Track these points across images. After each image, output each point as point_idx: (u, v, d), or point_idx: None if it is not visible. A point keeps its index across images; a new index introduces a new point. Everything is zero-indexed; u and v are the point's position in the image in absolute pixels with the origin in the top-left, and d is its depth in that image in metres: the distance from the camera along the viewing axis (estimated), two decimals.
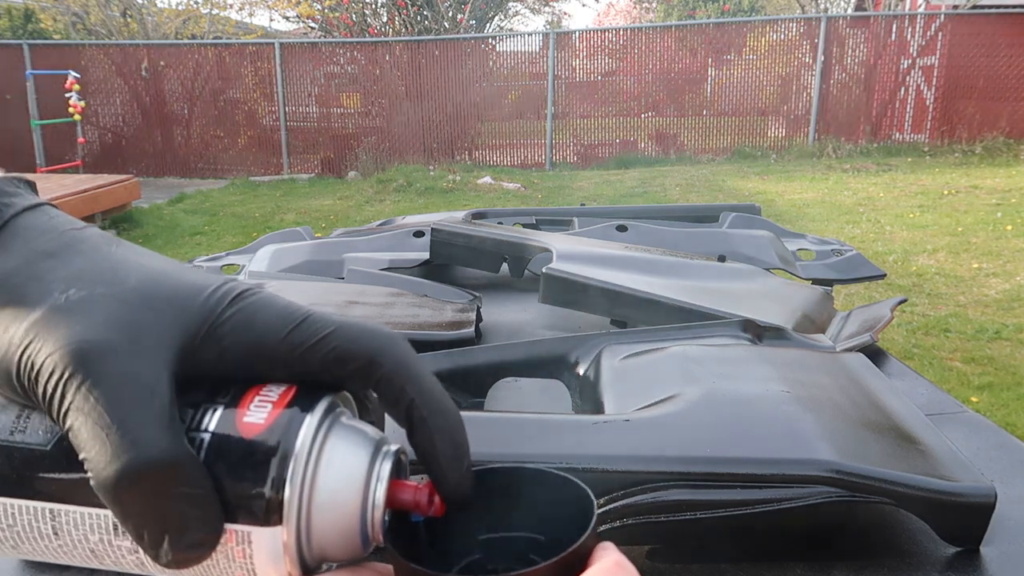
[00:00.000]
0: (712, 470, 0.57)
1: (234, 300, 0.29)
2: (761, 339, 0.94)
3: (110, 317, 0.26)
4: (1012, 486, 0.67)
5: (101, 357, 0.25)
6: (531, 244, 1.36)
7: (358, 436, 0.29)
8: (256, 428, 0.27)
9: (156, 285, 0.28)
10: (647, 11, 23.25)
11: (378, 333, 0.29)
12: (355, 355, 0.29)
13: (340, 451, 0.28)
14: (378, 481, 0.28)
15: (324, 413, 0.28)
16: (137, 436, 0.25)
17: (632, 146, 10.97)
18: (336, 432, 0.28)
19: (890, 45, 10.27)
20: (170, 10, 14.38)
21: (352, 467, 0.28)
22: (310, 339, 0.28)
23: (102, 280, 0.28)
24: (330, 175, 10.74)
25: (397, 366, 0.29)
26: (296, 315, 0.29)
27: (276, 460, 0.26)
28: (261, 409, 0.28)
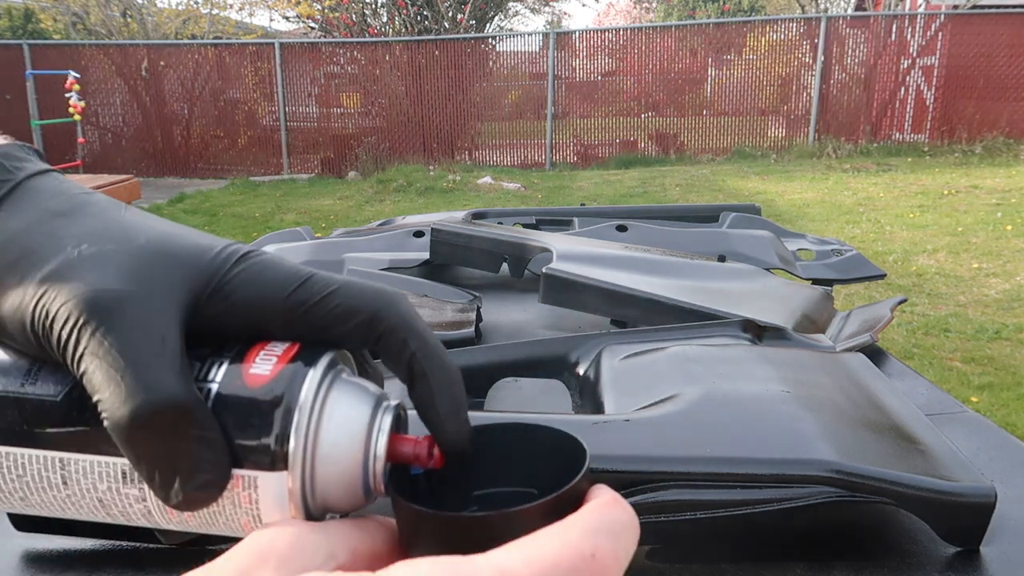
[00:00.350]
0: (712, 470, 0.57)
1: (240, 259, 0.30)
2: (761, 339, 0.94)
3: (122, 269, 0.28)
4: (1012, 486, 0.67)
5: (114, 305, 0.26)
6: (531, 244, 1.36)
7: (360, 390, 0.30)
8: (261, 379, 0.28)
9: (165, 243, 0.29)
10: (647, 11, 23.26)
11: (381, 291, 0.30)
12: (358, 310, 0.29)
13: (342, 404, 0.29)
14: (379, 433, 0.29)
15: (327, 367, 0.29)
16: (150, 379, 0.26)
17: (632, 146, 10.97)
18: (338, 386, 0.29)
19: (890, 45, 10.27)
20: (170, 10, 14.38)
21: (354, 419, 0.29)
22: (313, 296, 0.29)
23: (113, 238, 0.29)
24: (330, 175, 10.74)
25: (400, 321, 0.30)
26: (300, 274, 0.30)
27: (280, 410, 0.27)
28: (266, 362, 0.29)
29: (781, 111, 10.69)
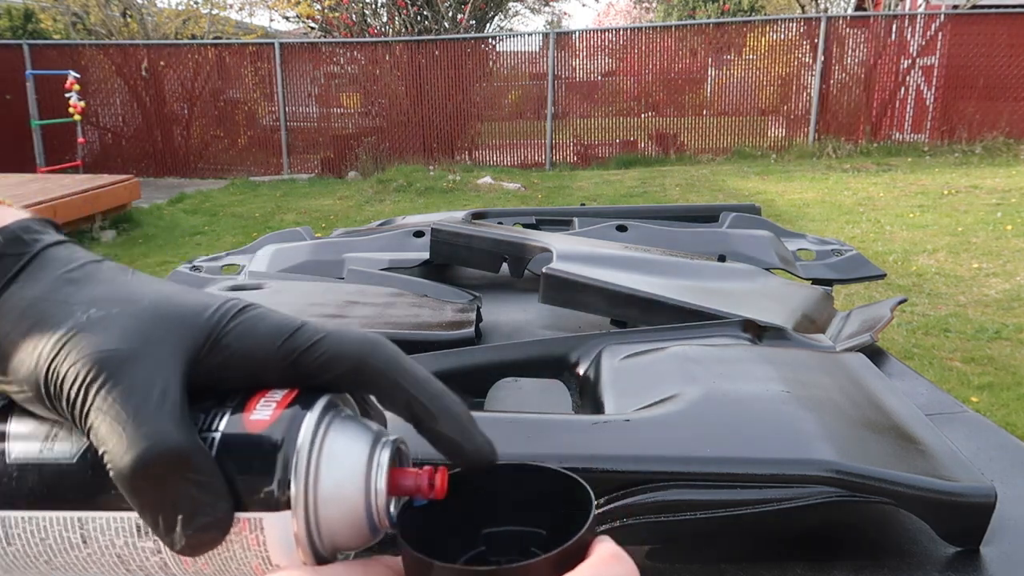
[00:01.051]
0: (712, 470, 0.57)
1: (236, 315, 0.32)
2: (761, 339, 0.94)
3: (126, 331, 0.30)
4: (1012, 486, 0.67)
5: (118, 364, 0.29)
6: (531, 244, 1.36)
7: (357, 429, 0.31)
8: (261, 424, 0.29)
9: (166, 304, 0.32)
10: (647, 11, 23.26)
11: (366, 338, 0.32)
12: (345, 357, 0.31)
13: (341, 443, 0.30)
14: (378, 469, 0.30)
15: (323, 410, 0.30)
16: (150, 429, 0.28)
17: (632, 146, 10.97)
18: (336, 426, 0.30)
19: (890, 45, 10.27)
20: (170, 10, 14.38)
21: (352, 457, 0.30)
22: (303, 345, 0.31)
23: (118, 301, 0.31)
24: (330, 175, 10.74)
25: (385, 364, 0.32)
26: (291, 325, 0.32)
27: (281, 453, 0.29)
28: (265, 408, 0.30)
29: (781, 111, 10.68)
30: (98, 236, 6.56)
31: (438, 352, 0.88)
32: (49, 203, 5.99)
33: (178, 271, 1.55)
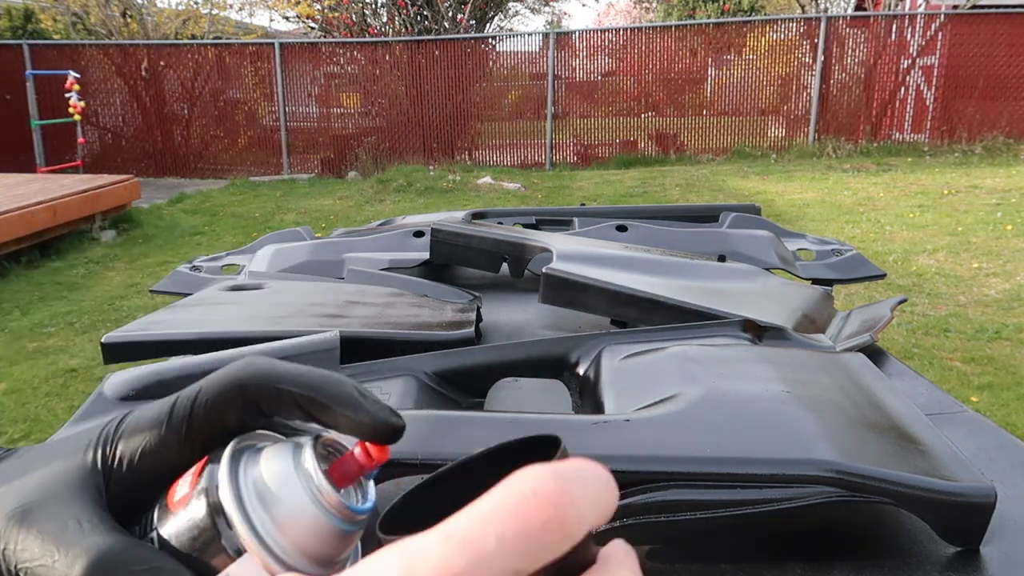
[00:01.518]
0: (712, 470, 0.57)
1: (115, 433, 0.33)
2: (761, 339, 0.94)
3: (20, 496, 0.31)
4: (1012, 486, 0.67)
5: (24, 515, 0.30)
6: (531, 244, 1.36)
7: (272, 452, 0.31)
8: (184, 500, 0.30)
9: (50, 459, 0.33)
10: (647, 11, 23.25)
11: (233, 367, 0.32)
12: (226, 395, 0.32)
13: (262, 473, 0.30)
14: (310, 475, 0.30)
15: (232, 455, 0.30)
16: (79, 548, 0.28)
17: (632, 146, 10.97)
18: (251, 461, 0.30)
19: (890, 45, 10.27)
20: (170, 10, 14.37)
21: (281, 479, 0.30)
22: (185, 412, 0.32)
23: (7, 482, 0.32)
24: (330, 175, 10.74)
25: (261, 379, 0.32)
26: (166, 404, 0.33)
27: (214, 510, 0.29)
28: (183, 485, 0.31)
29: (781, 111, 10.68)
30: (98, 236, 6.56)
31: (438, 352, 0.88)
32: (49, 203, 5.99)
33: (178, 271, 1.55)
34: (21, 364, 4.02)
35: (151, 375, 0.82)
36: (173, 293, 1.44)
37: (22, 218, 5.69)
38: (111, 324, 4.55)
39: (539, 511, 0.20)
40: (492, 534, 0.19)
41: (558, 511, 0.20)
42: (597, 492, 0.22)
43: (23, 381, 3.79)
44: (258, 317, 1.07)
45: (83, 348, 4.22)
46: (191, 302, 1.18)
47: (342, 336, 0.90)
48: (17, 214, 5.64)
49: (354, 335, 0.95)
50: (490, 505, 0.20)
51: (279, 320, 1.04)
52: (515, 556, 0.19)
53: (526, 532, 0.20)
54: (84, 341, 4.34)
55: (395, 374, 0.86)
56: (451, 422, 0.65)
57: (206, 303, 1.17)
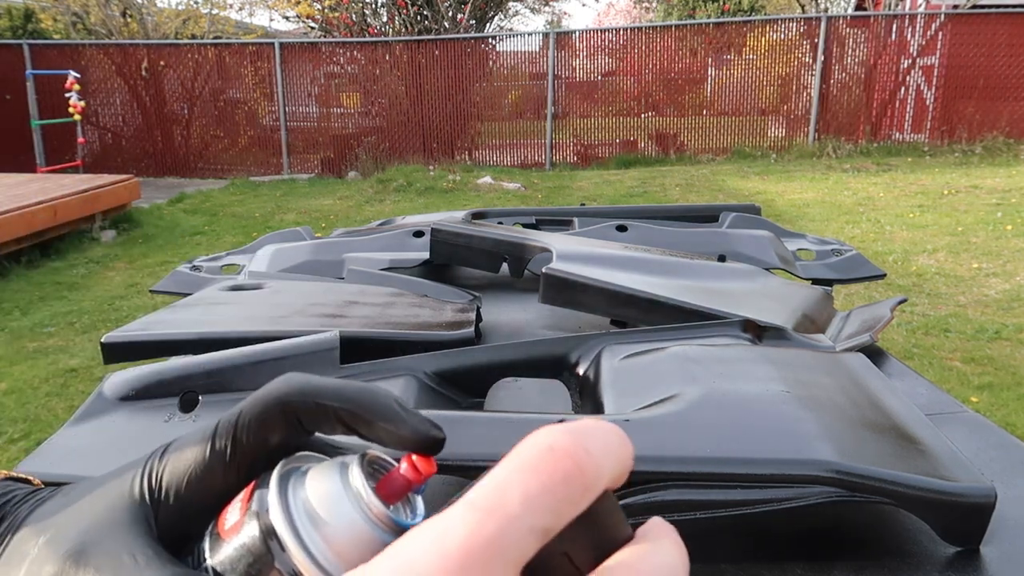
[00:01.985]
0: (712, 470, 0.57)
1: (159, 463, 0.33)
2: (761, 339, 0.94)
3: (72, 535, 0.31)
4: (1012, 486, 0.67)
5: (78, 555, 0.30)
6: (531, 244, 1.36)
7: (320, 472, 0.31)
8: (235, 529, 0.30)
9: (97, 498, 0.33)
10: (647, 11, 23.25)
11: (272, 385, 0.32)
12: (268, 414, 0.31)
13: (311, 495, 0.30)
14: (360, 493, 0.30)
15: (280, 478, 0.30)
16: None
17: (632, 146, 10.97)
18: (299, 483, 0.30)
19: (890, 45, 10.27)
20: (170, 10, 14.37)
21: (330, 499, 0.30)
22: (229, 436, 0.32)
23: (55, 524, 0.33)
24: (330, 175, 10.74)
25: (300, 394, 0.31)
26: (207, 430, 0.32)
27: (266, 533, 0.29)
28: (233, 512, 0.31)
29: (781, 111, 10.68)
30: (98, 236, 6.56)
31: (438, 352, 0.88)
32: (49, 203, 5.99)
33: (178, 271, 1.55)
34: (21, 364, 4.02)
35: (151, 375, 0.82)
36: (173, 293, 1.44)
37: (22, 218, 5.69)
38: (111, 324, 4.55)
39: (559, 465, 0.20)
40: (516, 494, 0.20)
41: (578, 463, 0.21)
42: (612, 444, 0.22)
43: (23, 381, 3.79)
44: (258, 317, 1.07)
45: (83, 348, 4.22)
46: (191, 302, 1.18)
47: (342, 336, 0.90)
48: (17, 214, 5.64)
49: (354, 335, 0.95)
50: (509, 467, 0.21)
51: (279, 320, 1.04)
52: (541, 513, 0.20)
53: (549, 487, 0.20)
54: (84, 341, 4.34)
55: (395, 374, 0.86)
56: (451, 422, 0.64)
57: (206, 303, 1.17)
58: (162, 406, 0.80)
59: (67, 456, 0.74)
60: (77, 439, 0.76)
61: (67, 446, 0.75)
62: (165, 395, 0.81)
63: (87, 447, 0.75)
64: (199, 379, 0.82)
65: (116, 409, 0.79)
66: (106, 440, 0.75)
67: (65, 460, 0.73)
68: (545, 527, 0.20)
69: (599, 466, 0.21)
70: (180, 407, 0.80)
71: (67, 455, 0.74)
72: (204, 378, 0.82)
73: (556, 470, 0.20)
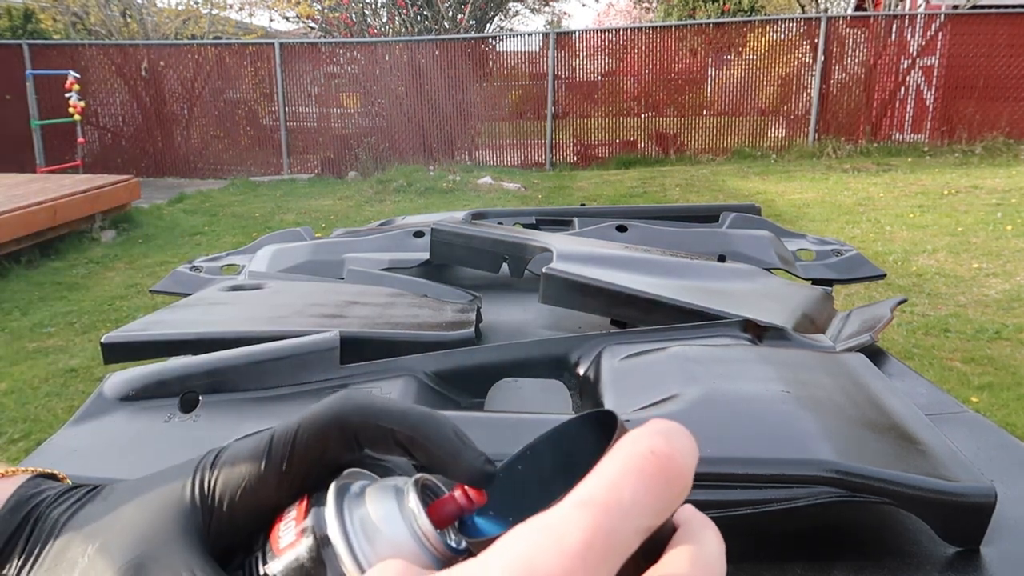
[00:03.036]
0: (712, 470, 0.57)
1: (211, 472, 0.33)
2: (761, 339, 0.94)
3: (125, 546, 0.31)
4: (1012, 486, 0.67)
5: (136, 570, 0.30)
6: (531, 244, 1.36)
7: (376, 493, 0.31)
8: (291, 547, 0.30)
9: (150, 505, 0.33)
10: (647, 11, 23.25)
11: (333, 402, 0.32)
12: (327, 430, 0.32)
13: (368, 515, 0.30)
14: (415, 516, 0.30)
15: (337, 496, 0.31)
16: None
17: (632, 146, 10.97)
18: (355, 503, 0.31)
19: (890, 45, 10.27)
20: (170, 10, 14.37)
21: (387, 521, 0.30)
22: (287, 449, 0.32)
23: (106, 528, 0.32)
24: (330, 175, 10.74)
25: (360, 415, 0.32)
26: (263, 443, 0.32)
27: (324, 557, 0.29)
28: (288, 528, 0.31)
29: (781, 111, 10.68)
30: (98, 236, 6.56)
31: (438, 352, 0.88)
32: (49, 203, 5.99)
33: (178, 271, 1.55)
34: (21, 364, 4.02)
35: (151, 375, 0.82)
36: (173, 293, 1.44)
37: (22, 218, 5.69)
38: (111, 324, 4.55)
39: (663, 468, 0.22)
40: (627, 494, 0.21)
41: (677, 467, 0.23)
42: (693, 446, 0.24)
43: (23, 381, 3.79)
44: (258, 317, 1.07)
45: (83, 348, 4.22)
46: (191, 302, 1.18)
47: (342, 336, 0.90)
48: (17, 214, 5.64)
49: (354, 335, 0.95)
50: (616, 468, 0.22)
51: (279, 320, 1.04)
52: (648, 512, 0.22)
53: (655, 488, 0.22)
54: (84, 341, 4.34)
55: (395, 374, 0.86)
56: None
57: (206, 303, 1.17)
58: (162, 406, 0.80)
59: (67, 456, 0.74)
60: (77, 439, 0.76)
61: (67, 446, 0.75)
62: (165, 395, 0.81)
63: (87, 447, 0.75)
64: (199, 379, 0.82)
65: (116, 409, 0.79)
66: (106, 440, 0.75)
67: (65, 460, 0.73)
68: (648, 526, 0.22)
69: (689, 468, 0.23)
70: (180, 407, 0.80)
71: (67, 455, 0.74)
72: (204, 378, 0.82)
73: (662, 473, 0.22)
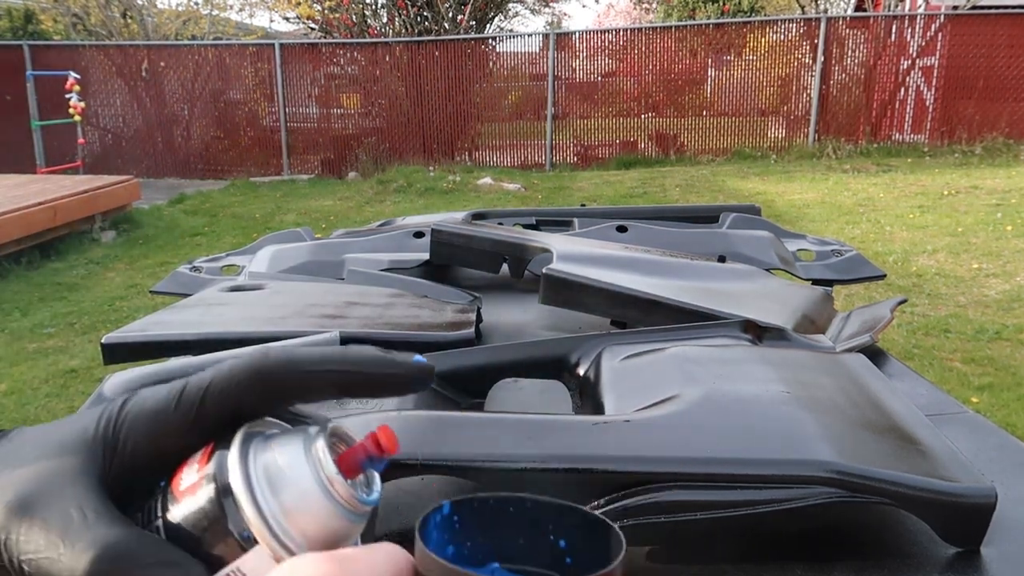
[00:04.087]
0: (712, 471, 0.57)
1: (118, 414, 0.32)
2: (761, 340, 0.94)
3: (18, 483, 0.30)
4: (1012, 486, 0.67)
5: (24, 507, 0.29)
6: (531, 245, 1.36)
7: (283, 439, 0.31)
8: (192, 489, 0.30)
9: (49, 443, 0.32)
10: (647, 12, 23.25)
11: (251, 358, 0.32)
12: (243, 383, 0.31)
13: (273, 460, 0.30)
14: (321, 462, 0.29)
15: (243, 441, 0.30)
16: (85, 542, 0.28)
17: (632, 147, 10.97)
18: (262, 447, 0.30)
19: (890, 45, 10.27)
20: (170, 11, 14.38)
21: (291, 466, 0.29)
22: (196, 399, 0.31)
23: (6, 462, 0.32)
24: (330, 176, 10.74)
25: (284, 367, 0.31)
26: (175, 388, 0.32)
27: (224, 502, 0.29)
28: (190, 472, 0.30)
29: (781, 112, 10.68)
30: (98, 237, 6.56)
31: (438, 352, 0.88)
32: (49, 203, 5.99)
33: (178, 272, 1.55)
34: (21, 365, 4.02)
35: (151, 376, 0.82)
36: (173, 294, 1.44)
37: (22, 219, 5.69)
38: (111, 325, 4.55)
39: None
40: None
41: None
42: None
43: (23, 382, 3.79)
44: (258, 318, 1.07)
45: (83, 349, 4.22)
46: (191, 303, 1.18)
47: (342, 336, 0.90)
48: (17, 215, 5.64)
49: (354, 335, 0.95)
50: None
51: (279, 321, 1.04)
52: None
53: None
54: (84, 342, 4.34)
55: None
56: (451, 423, 0.65)
57: (206, 304, 1.17)
58: None
59: None
60: None
61: None
62: None
63: None
64: None
65: None
66: None
67: None
68: None
69: None
70: None
71: None
72: None
73: None
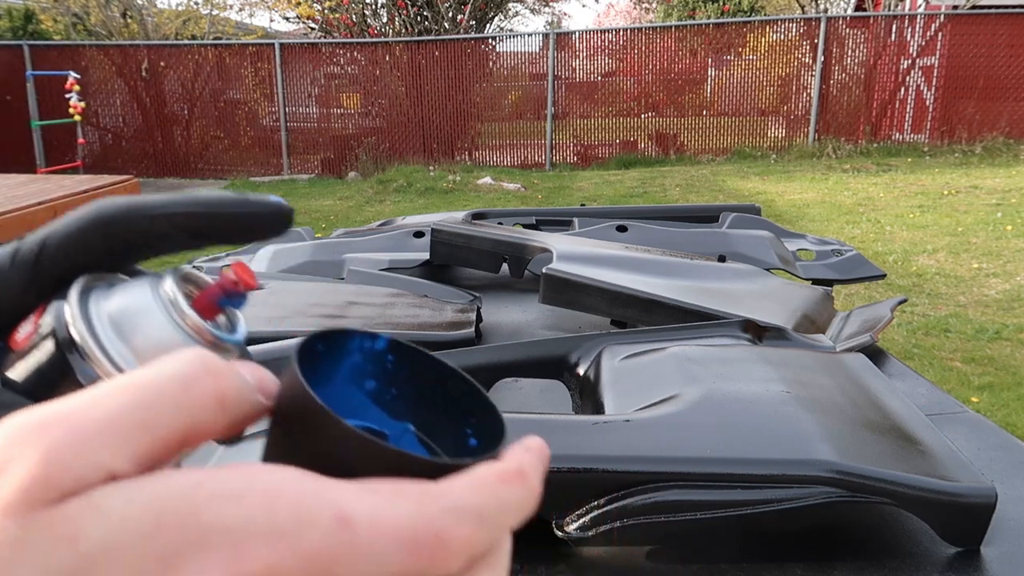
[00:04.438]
0: (712, 470, 0.57)
1: None
2: (761, 339, 0.94)
3: None
4: (1012, 486, 0.67)
5: None
6: (531, 244, 1.36)
7: (128, 286, 0.29)
8: (26, 339, 0.28)
9: None
10: (647, 12, 23.25)
11: (91, 205, 0.29)
12: (84, 235, 0.29)
13: (119, 303, 0.28)
14: (173, 300, 0.28)
15: (82, 291, 0.28)
16: None
17: (632, 146, 10.97)
18: (103, 295, 0.28)
19: (890, 45, 10.27)
20: (170, 11, 14.37)
21: (138, 306, 0.28)
22: (32, 253, 0.29)
23: None
24: (330, 175, 10.74)
25: (127, 212, 0.29)
26: (9, 246, 0.30)
27: (64, 345, 0.27)
28: (26, 325, 0.28)
29: (781, 111, 10.68)
30: None
31: (438, 352, 0.88)
32: (49, 203, 5.99)
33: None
34: None
35: None
36: None
37: (22, 219, 5.69)
38: None
39: None
40: None
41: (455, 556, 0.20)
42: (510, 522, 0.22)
43: None
44: (258, 317, 1.07)
45: None
46: None
47: None
48: (17, 215, 5.65)
49: None
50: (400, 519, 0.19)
51: (279, 320, 1.04)
52: None
53: None
54: None
55: None
56: None
57: None
58: None
59: None
60: None
61: None
62: None
63: None
64: None
65: None
66: None
67: None
68: None
69: None
70: None
71: None
72: None
73: None
